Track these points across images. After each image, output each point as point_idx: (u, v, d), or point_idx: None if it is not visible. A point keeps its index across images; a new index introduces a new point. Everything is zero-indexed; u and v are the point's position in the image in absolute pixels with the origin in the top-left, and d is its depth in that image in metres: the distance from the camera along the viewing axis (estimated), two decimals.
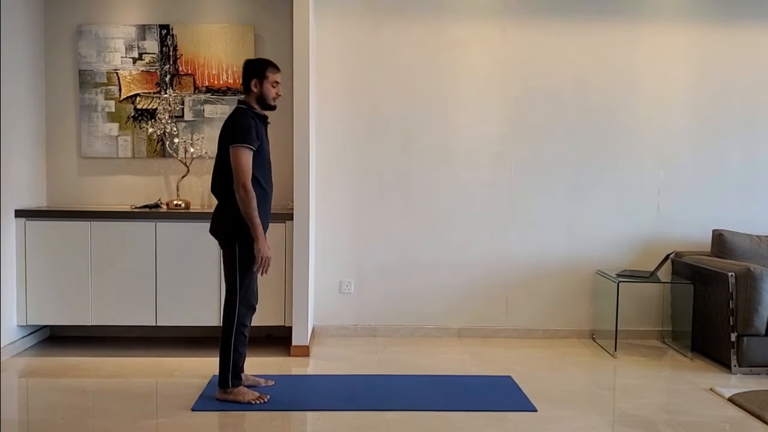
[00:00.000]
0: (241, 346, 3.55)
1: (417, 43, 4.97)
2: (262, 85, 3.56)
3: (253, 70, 3.56)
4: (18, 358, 4.33)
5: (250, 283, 3.56)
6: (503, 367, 4.28)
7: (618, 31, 5.00)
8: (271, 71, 3.58)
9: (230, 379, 3.53)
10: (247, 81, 3.57)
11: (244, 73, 3.60)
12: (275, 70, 3.60)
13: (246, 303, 3.55)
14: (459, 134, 5.01)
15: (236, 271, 3.51)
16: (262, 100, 3.59)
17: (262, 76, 3.55)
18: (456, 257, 5.05)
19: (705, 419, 3.46)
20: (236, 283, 3.51)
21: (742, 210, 5.08)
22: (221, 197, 3.56)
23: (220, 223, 3.56)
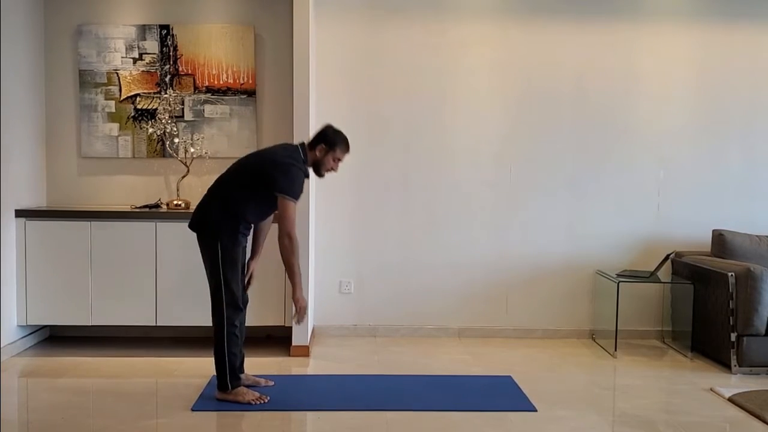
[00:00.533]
0: (234, 347, 3.54)
1: (417, 42, 4.97)
2: (326, 155, 3.59)
3: (328, 138, 3.59)
4: (18, 358, 4.33)
5: (234, 283, 3.52)
6: (503, 367, 4.28)
7: (618, 31, 5.00)
8: (342, 150, 3.62)
9: (228, 381, 3.52)
10: (318, 142, 3.59)
11: (320, 133, 3.61)
12: (345, 151, 3.65)
13: (233, 304, 3.51)
14: (459, 134, 5.01)
15: (219, 272, 3.48)
16: (317, 165, 3.62)
17: (332, 148, 3.59)
18: (456, 257, 5.05)
19: (705, 419, 3.46)
20: (221, 287, 3.49)
21: (742, 210, 5.08)
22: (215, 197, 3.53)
23: (205, 219, 3.52)
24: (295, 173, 3.47)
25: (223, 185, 3.56)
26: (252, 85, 4.86)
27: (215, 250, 3.48)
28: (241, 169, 3.56)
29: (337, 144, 3.59)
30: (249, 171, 3.52)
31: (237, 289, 3.54)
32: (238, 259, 3.56)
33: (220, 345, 3.52)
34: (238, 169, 3.58)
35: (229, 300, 3.50)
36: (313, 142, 3.60)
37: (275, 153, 3.56)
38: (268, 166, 3.48)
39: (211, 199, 3.56)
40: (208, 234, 3.50)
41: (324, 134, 3.60)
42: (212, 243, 3.49)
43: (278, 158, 3.49)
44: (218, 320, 3.52)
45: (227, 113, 4.87)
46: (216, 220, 3.49)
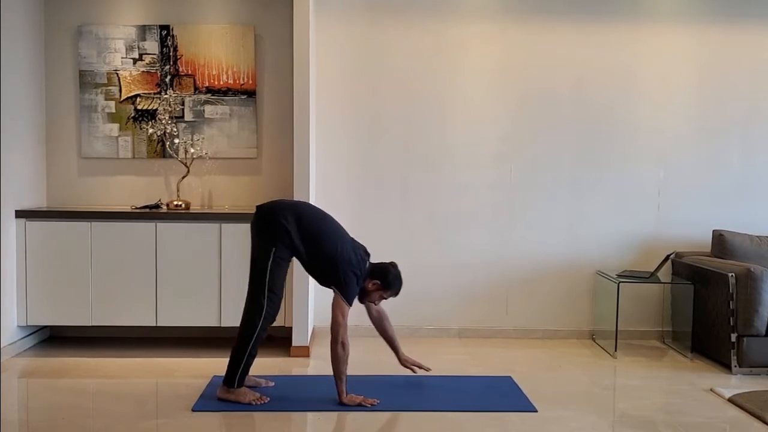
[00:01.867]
0: (255, 350, 3.56)
1: (417, 43, 4.97)
2: (376, 290, 3.68)
3: (387, 280, 3.66)
4: (18, 358, 4.33)
5: (277, 293, 3.56)
6: (503, 368, 4.28)
7: (618, 32, 5.00)
8: (391, 294, 3.72)
9: (237, 379, 3.53)
10: (376, 276, 3.66)
11: (383, 270, 3.67)
12: (394, 295, 3.74)
13: (269, 316, 3.55)
14: (459, 134, 5.01)
15: (266, 278, 3.51)
16: (363, 293, 3.68)
17: (385, 289, 3.68)
18: (456, 257, 5.05)
19: (705, 420, 3.46)
20: (264, 293, 3.51)
21: (742, 210, 5.08)
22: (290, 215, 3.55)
23: (268, 221, 3.55)
24: (353, 284, 3.56)
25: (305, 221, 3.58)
26: (252, 85, 4.86)
27: (268, 256, 3.51)
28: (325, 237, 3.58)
29: (391, 288, 3.69)
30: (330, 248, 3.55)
31: (278, 299, 3.58)
32: (285, 272, 3.61)
33: (243, 345, 3.52)
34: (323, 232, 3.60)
35: (268, 308, 3.53)
36: (373, 273, 3.66)
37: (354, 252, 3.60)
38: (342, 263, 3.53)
39: (286, 211, 3.58)
40: (268, 238, 3.52)
41: (385, 274, 3.67)
42: (267, 248, 3.52)
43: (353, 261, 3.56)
44: (251, 322, 3.53)
45: (227, 114, 4.87)
46: (282, 231, 3.51)
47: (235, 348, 3.55)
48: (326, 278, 3.61)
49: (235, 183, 4.91)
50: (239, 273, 4.40)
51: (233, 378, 3.53)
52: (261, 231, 3.57)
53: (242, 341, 3.53)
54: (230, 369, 3.55)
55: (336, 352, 3.48)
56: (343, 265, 3.54)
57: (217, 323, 4.45)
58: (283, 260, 3.57)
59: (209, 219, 4.45)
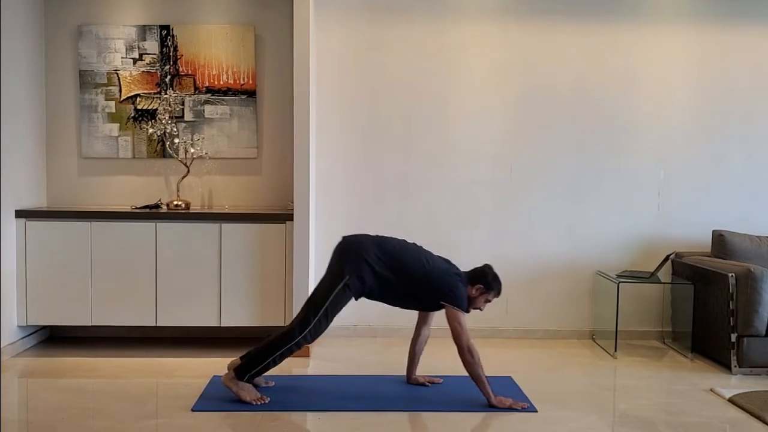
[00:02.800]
0: (280, 360, 3.54)
1: (417, 43, 4.97)
2: (480, 296, 3.69)
3: (486, 280, 3.68)
4: (18, 358, 4.33)
5: (328, 319, 3.56)
6: (503, 368, 4.28)
7: (618, 32, 5.00)
8: (494, 294, 3.73)
9: (251, 375, 3.53)
10: (477, 281, 3.68)
11: (481, 273, 3.70)
12: (497, 295, 3.75)
13: (309, 337, 3.53)
14: (459, 134, 5.01)
15: (326, 302, 3.52)
16: (468, 300, 3.68)
17: (488, 291, 3.69)
18: (456, 257, 4.98)
19: (705, 420, 3.46)
20: (318, 314, 3.51)
21: (743, 210, 5.08)
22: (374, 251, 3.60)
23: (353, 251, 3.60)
24: (462, 288, 3.61)
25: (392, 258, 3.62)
26: (252, 85, 4.86)
27: (337, 281, 3.54)
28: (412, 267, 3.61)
29: (493, 288, 3.70)
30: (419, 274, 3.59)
31: (324, 327, 3.57)
32: (343, 305, 3.61)
33: (272, 349, 3.51)
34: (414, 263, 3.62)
35: (313, 329, 3.52)
36: (472, 280, 3.68)
37: (444, 271, 3.65)
38: (438, 279, 3.59)
39: (373, 247, 3.62)
40: (345, 266, 3.55)
41: (484, 276, 3.69)
42: (340, 274, 3.55)
43: (448, 275, 3.63)
44: (291, 332, 3.52)
45: (227, 114, 4.87)
46: (362, 265, 3.55)
47: (263, 347, 3.53)
48: (432, 298, 3.60)
49: (235, 183, 4.92)
50: (239, 273, 4.42)
51: (246, 373, 3.52)
52: (343, 257, 3.60)
53: (273, 345, 3.52)
54: (248, 363, 3.52)
55: (466, 359, 3.50)
56: (444, 275, 3.60)
57: (217, 323, 4.45)
58: (350, 291, 3.56)
59: (209, 219, 4.46)
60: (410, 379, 3.94)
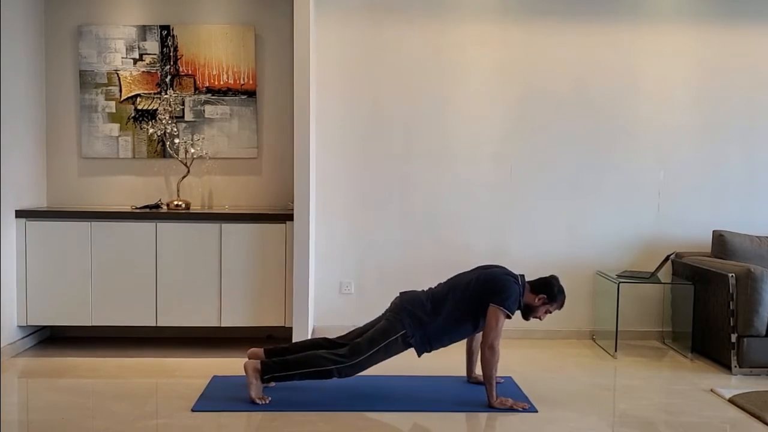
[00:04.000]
0: (305, 377, 3.54)
1: (417, 43, 4.97)
2: (542, 306, 3.67)
3: (552, 293, 3.67)
4: (18, 358, 4.33)
5: (371, 362, 3.56)
6: (503, 368, 4.25)
7: (618, 32, 5.00)
8: (557, 307, 3.71)
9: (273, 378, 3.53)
10: (542, 290, 3.66)
11: (547, 284, 3.68)
12: (559, 308, 3.73)
13: (345, 372, 3.54)
14: (459, 134, 5.01)
15: (379, 344, 3.52)
16: (528, 307, 3.68)
17: (551, 302, 3.68)
18: (456, 257, 5.02)
19: (705, 420, 3.46)
20: (367, 351, 3.52)
21: (743, 210, 5.08)
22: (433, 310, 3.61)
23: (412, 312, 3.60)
24: (514, 290, 3.59)
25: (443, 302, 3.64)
26: (252, 85, 4.86)
27: (394, 332, 3.55)
28: (463, 286, 3.65)
29: (557, 300, 3.68)
30: (470, 289, 3.62)
31: (363, 368, 3.57)
32: (391, 355, 3.62)
33: (306, 366, 3.52)
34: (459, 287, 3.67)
35: (356, 366, 3.54)
36: (537, 288, 3.67)
37: (498, 272, 3.67)
38: (490, 280, 3.61)
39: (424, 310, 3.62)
40: (402, 323, 3.57)
41: (551, 286, 3.68)
42: (398, 327, 3.56)
43: (501, 275, 3.64)
44: (330, 361, 3.52)
45: (227, 114, 4.87)
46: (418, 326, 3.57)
47: (299, 358, 3.55)
48: (482, 300, 3.56)
49: (235, 183, 4.92)
50: (239, 273, 4.42)
51: (271, 374, 3.52)
52: (399, 313, 3.60)
53: (308, 362, 3.53)
54: (278, 366, 3.52)
55: (485, 356, 3.50)
56: (498, 275, 3.61)
57: (217, 323, 4.45)
58: (402, 345, 3.57)
59: (209, 219, 4.46)
60: (470, 378, 3.95)
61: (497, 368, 3.54)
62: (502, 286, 3.57)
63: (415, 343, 3.58)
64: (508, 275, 3.66)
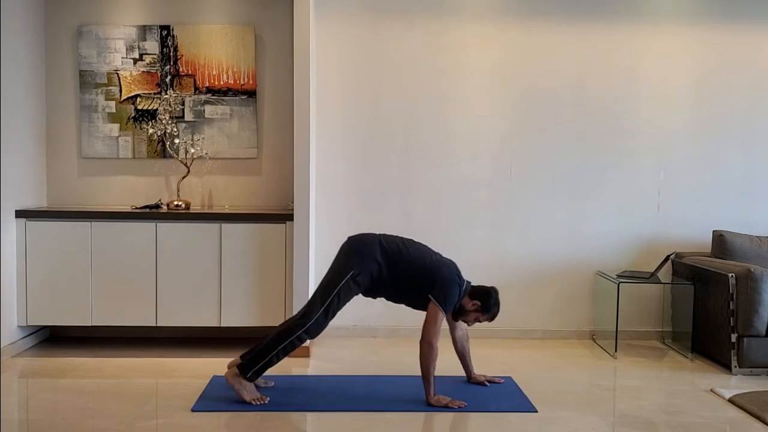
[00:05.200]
0: (284, 354, 3.55)
1: (417, 43, 4.97)
2: (473, 312, 3.70)
3: (487, 303, 3.69)
4: (18, 358, 4.33)
5: (332, 312, 3.57)
6: (503, 368, 4.28)
7: (618, 32, 5.00)
8: (487, 318, 3.74)
9: (254, 372, 3.53)
10: (477, 297, 3.69)
11: (485, 293, 3.70)
12: (489, 320, 3.76)
13: (310, 331, 3.55)
14: (459, 134, 5.01)
15: (332, 294, 3.54)
16: (460, 309, 3.71)
17: (484, 312, 3.70)
18: (456, 258, 4.98)
19: (705, 420, 3.46)
20: (321, 306, 3.53)
21: (743, 211, 5.08)
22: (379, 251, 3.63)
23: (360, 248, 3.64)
24: (455, 294, 3.62)
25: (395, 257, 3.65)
26: (252, 85, 4.86)
27: (344, 274, 3.56)
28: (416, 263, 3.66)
29: (489, 312, 3.71)
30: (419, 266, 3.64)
31: (326, 322, 3.58)
32: (347, 300, 3.63)
33: (275, 344, 3.52)
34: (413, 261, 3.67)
35: (315, 321, 3.53)
36: (474, 294, 3.70)
37: (449, 272, 3.67)
38: (439, 274, 3.62)
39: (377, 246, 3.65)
40: (354, 261, 3.58)
41: (488, 297, 3.70)
42: (348, 268, 3.57)
43: (451, 275, 3.65)
44: (293, 327, 3.54)
45: (227, 114, 4.87)
46: (370, 262, 3.59)
47: (266, 343, 3.54)
48: (424, 291, 3.59)
49: (235, 183, 4.92)
50: (239, 273, 4.42)
51: (250, 369, 3.52)
52: (351, 253, 3.64)
53: (276, 340, 3.53)
54: (251, 359, 3.53)
55: (423, 351, 3.52)
56: (445, 272, 3.62)
57: (217, 323, 4.45)
58: (357, 287, 3.59)
59: (209, 219, 4.46)
60: (470, 379, 3.97)
61: (435, 365, 3.54)
62: (448, 285, 3.60)
63: (363, 281, 3.58)
64: (456, 276, 3.68)
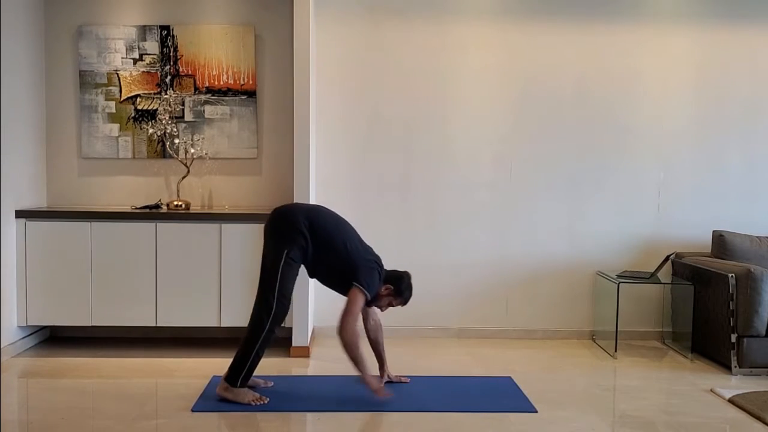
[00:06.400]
0: (262, 351, 3.56)
1: (417, 44, 4.97)
2: (387, 296, 3.70)
3: (399, 285, 3.70)
4: (18, 358, 4.33)
5: (287, 295, 3.56)
6: (503, 368, 4.28)
7: (618, 32, 5.00)
8: (400, 302, 3.75)
9: (241, 378, 3.53)
10: (390, 282, 3.69)
11: (398, 277, 3.71)
12: (402, 304, 3.77)
13: (277, 318, 3.55)
14: (459, 135, 5.02)
15: (277, 280, 3.52)
16: (374, 298, 3.68)
17: (396, 295, 3.71)
18: (456, 258, 5.05)
19: (705, 420, 3.46)
20: (274, 295, 3.51)
21: (743, 211, 5.08)
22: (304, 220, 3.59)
23: (284, 223, 3.58)
24: (376, 278, 3.62)
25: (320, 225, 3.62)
26: (252, 85, 4.86)
27: (280, 256, 3.52)
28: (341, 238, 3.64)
29: (402, 295, 3.72)
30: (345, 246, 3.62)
31: (287, 301, 3.57)
32: (295, 275, 3.61)
33: (250, 344, 3.53)
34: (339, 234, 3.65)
35: (277, 309, 3.53)
36: (387, 279, 3.70)
37: (371, 259, 3.67)
38: (360, 256, 3.62)
39: (301, 216, 3.61)
40: (282, 240, 3.54)
41: (400, 281, 3.70)
42: (280, 249, 3.53)
43: (371, 262, 3.65)
44: (259, 322, 3.53)
45: (227, 114, 4.87)
46: (297, 234, 3.55)
47: (242, 347, 3.55)
48: (345, 277, 3.58)
49: (235, 183, 4.92)
50: (239, 273, 4.42)
51: (237, 377, 3.53)
52: (275, 232, 3.59)
53: (249, 341, 3.53)
54: (235, 367, 3.55)
55: (345, 339, 3.49)
56: (363, 260, 3.61)
57: (217, 323, 4.45)
58: (295, 262, 3.56)
59: (209, 219, 4.46)
60: (383, 374, 3.92)
61: (359, 348, 3.51)
62: (370, 271, 3.59)
63: (296, 255, 3.54)
64: (376, 262, 3.67)
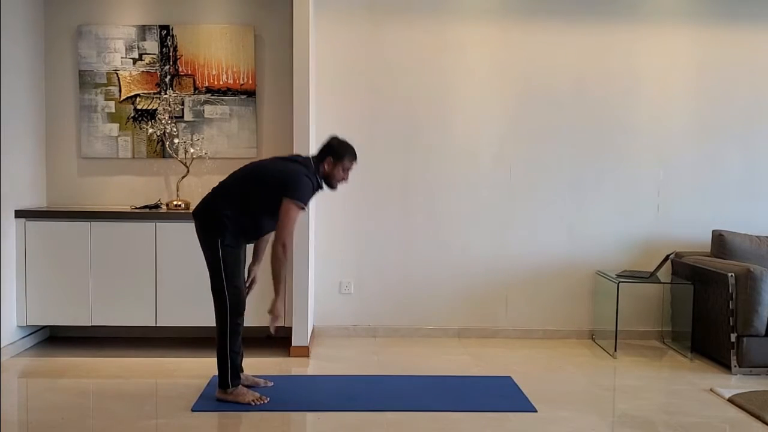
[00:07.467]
0: (236, 345, 3.55)
1: (417, 44, 4.97)
2: (334, 167, 3.58)
3: (334, 150, 3.58)
4: (18, 358, 4.33)
5: (236, 283, 3.53)
6: (503, 368, 4.28)
7: (618, 32, 5.00)
8: (349, 160, 3.61)
9: (230, 379, 3.53)
10: (325, 155, 3.58)
11: (326, 146, 3.60)
12: (353, 160, 3.64)
13: (236, 304, 3.52)
14: (459, 134, 5.02)
15: (221, 272, 3.49)
16: (328, 179, 3.62)
17: (339, 160, 3.58)
18: (456, 257, 5.05)
19: (705, 420, 3.46)
20: (223, 287, 3.49)
21: (742, 210, 5.08)
22: (222, 197, 3.54)
23: (210, 217, 3.52)
24: (305, 181, 3.48)
25: (232, 187, 3.56)
26: (252, 85, 4.86)
27: (216, 248, 3.49)
28: (251, 173, 3.57)
29: (344, 155, 3.59)
30: (259, 175, 3.54)
31: (239, 290, 3.55)
32: (241, 260, 3.59)
33: (222, 344, 3.53)
34: (247, 173, 3.59)
35: (232, 300, 3.50)
36: (321, 156, 3.60)
37: (286, 160, 3.61)
38: (278, 171, 3.51)
39: (216, 199, 3.56)
40: (211, 232, 3.50)
41: (330, 147, 3.61)
42: (213, 242, 3.49)
43: (289, 165, 3.54)
44: (221, 319, 3.53)
45: (227, 114, 4.87)
46: (221, 219, 3.48)
47: (217, 350, 3.55)
48: (276, 197, 3.43)
49: None
50: None
51: (226, 379, 3.54)
52: (203, 229, 3.54)
53: (220, 341, 3.53)
54: (220, 371, 3.55)
55: (276, 253, 3.41)
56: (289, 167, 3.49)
57: None
58: (233, 247, 3.51)
59: None
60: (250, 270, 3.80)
61: (286, 268, 3.46)
62: (292, 179, 3.44)
63: (231, 240, 3.49)
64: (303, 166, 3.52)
